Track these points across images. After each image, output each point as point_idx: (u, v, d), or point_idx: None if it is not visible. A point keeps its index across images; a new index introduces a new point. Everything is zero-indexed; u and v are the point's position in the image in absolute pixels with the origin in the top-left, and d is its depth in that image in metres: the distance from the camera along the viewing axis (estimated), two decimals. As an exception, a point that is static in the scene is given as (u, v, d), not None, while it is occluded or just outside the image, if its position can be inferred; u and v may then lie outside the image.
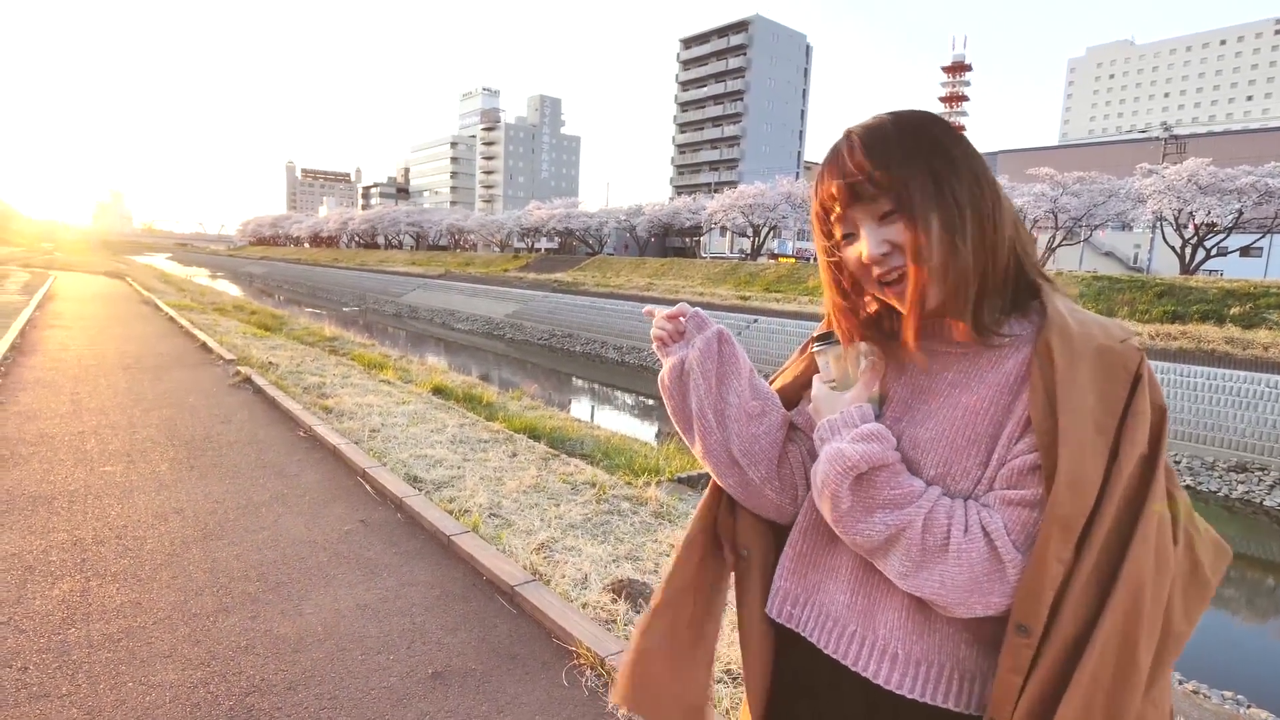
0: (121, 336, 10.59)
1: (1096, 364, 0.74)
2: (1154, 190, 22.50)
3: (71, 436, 5.05)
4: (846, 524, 0.83)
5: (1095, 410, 0.73)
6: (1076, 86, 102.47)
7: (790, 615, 0.93)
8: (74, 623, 2.63)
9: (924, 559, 0.77)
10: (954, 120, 38.30)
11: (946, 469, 0.81)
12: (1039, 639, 0.73)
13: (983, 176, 0.82)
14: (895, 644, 0.83)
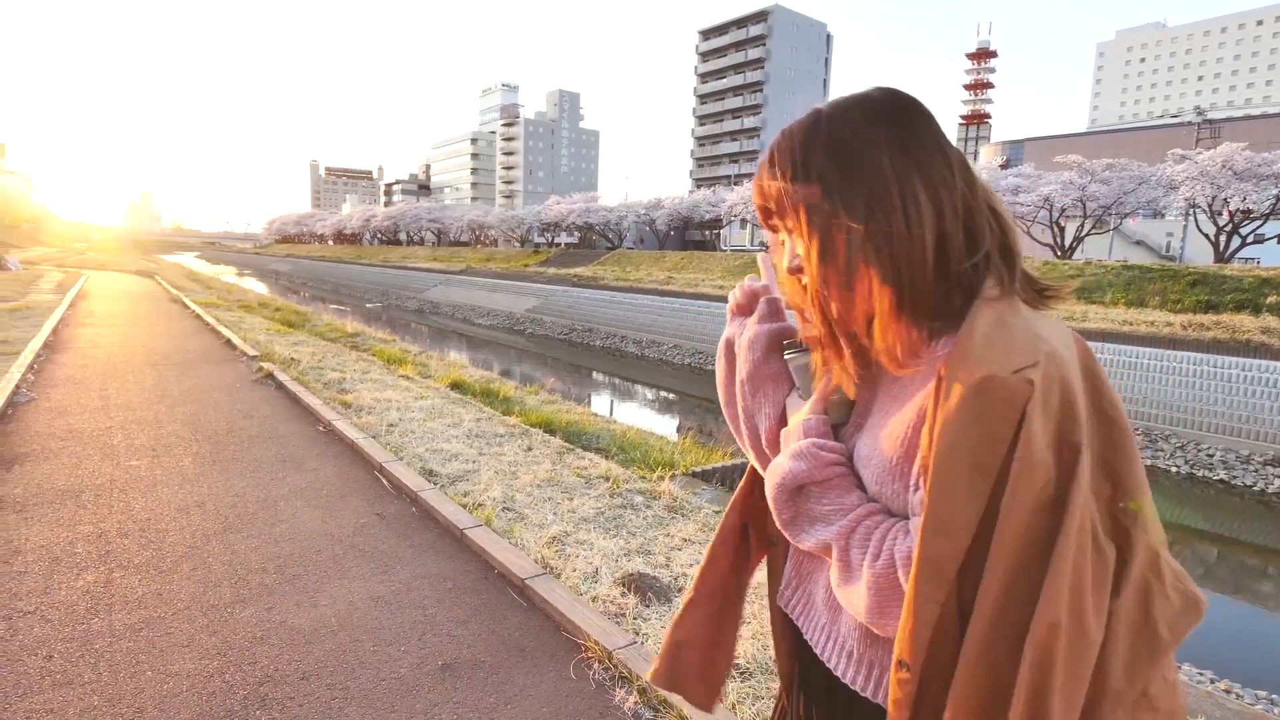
0: (150, 334, 10.81)
1: (980, 396, 0.65)
2: (1187, 176, 21.89)
3: (99, 432, 5.17)
4: (791, 533, 0.85)
5: (976, 447, 0.65)
6: (1106, 71, 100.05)
7: (788, 601, 0.96)
8: (97, 613, 2.69)
9: (844, 577, 0.78)
10: (978, 107, 37.99)
11: (879, 488, 0.79)
12: (920, 675, 0.69)
13: (902, 175, 0.74)
14: (852, 642, 0.84)
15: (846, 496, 0.80)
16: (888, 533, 0.75)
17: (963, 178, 0.77)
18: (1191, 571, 7.70)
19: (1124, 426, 0.72)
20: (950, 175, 0.76)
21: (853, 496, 0.80)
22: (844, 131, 0.76)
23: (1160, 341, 14.39)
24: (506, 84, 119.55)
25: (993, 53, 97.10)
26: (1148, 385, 13.42)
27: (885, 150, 0.74)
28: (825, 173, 0.75)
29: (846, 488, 0.80)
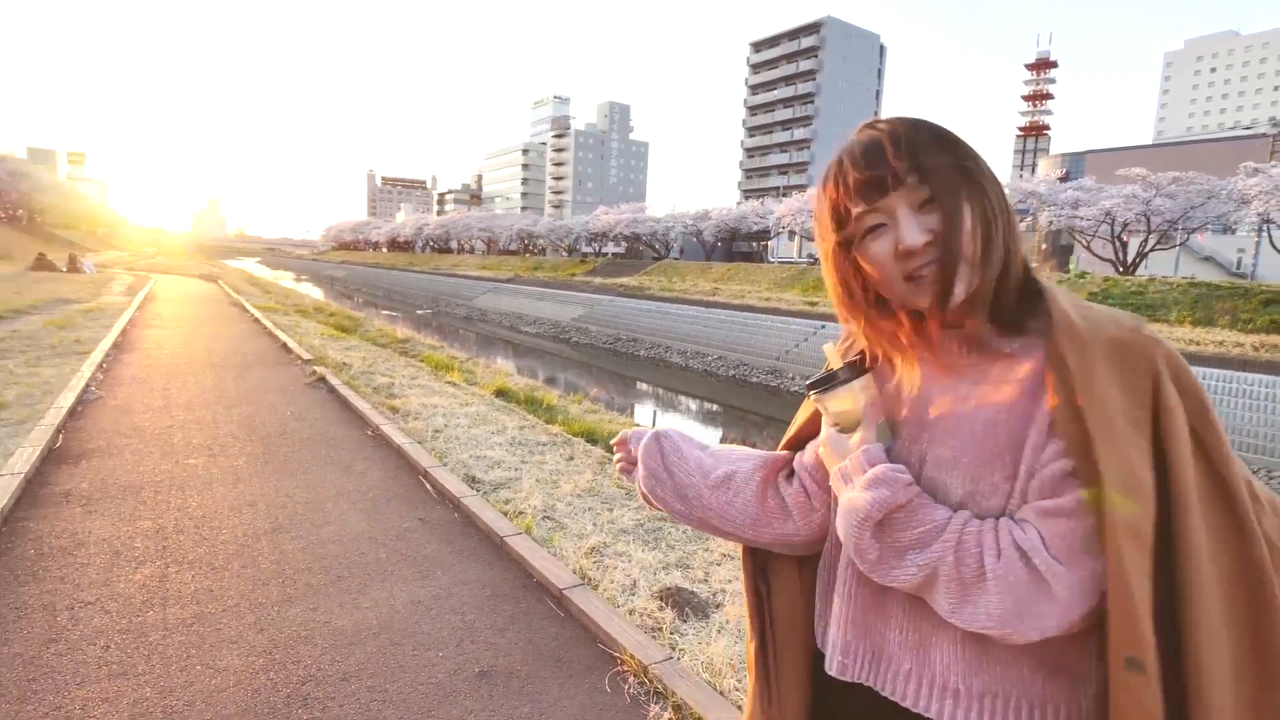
0: (211, 336, 11.26)
1: (1112, 356, 0.70)
2: (1260, 190, 20.88)
3: (160, 430, 5.38)
4: (881, 573, 0.80)
5: (1122, 403, 0.68)
6: (1173, 82, 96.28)
7: (844, 667, 0.88)
8: (152, 606, 2.79)
9: (964, 593, 0.73)
10: (1036, 118, 37.12)
11: (974, 486, 0.77)
12: (1161, 673, 0.65)
13: (997, 178, 0.81)
14: (954, 678, 0.78)
15: (936, 513, 0.77)
16: (995, 529, 0.73)
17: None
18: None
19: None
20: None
21: (941, 512, 0.77)
22: (950, 132, 0.81)
23: (1230, 363, 13.70)
24: (558, 96, 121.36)
25: (1053, 63, 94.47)
26: (1217, 409, 12.78)
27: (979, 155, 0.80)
28: (961, 157, 0.78)
29: (931, 506, 0.78)
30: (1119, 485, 0.66)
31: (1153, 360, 0.70)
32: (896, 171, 0.77)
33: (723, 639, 2.57)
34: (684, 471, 1.01)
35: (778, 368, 20.03)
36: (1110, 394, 0.69)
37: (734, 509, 0.97)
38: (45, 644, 2.48)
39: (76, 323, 11.29)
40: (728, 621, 2.73)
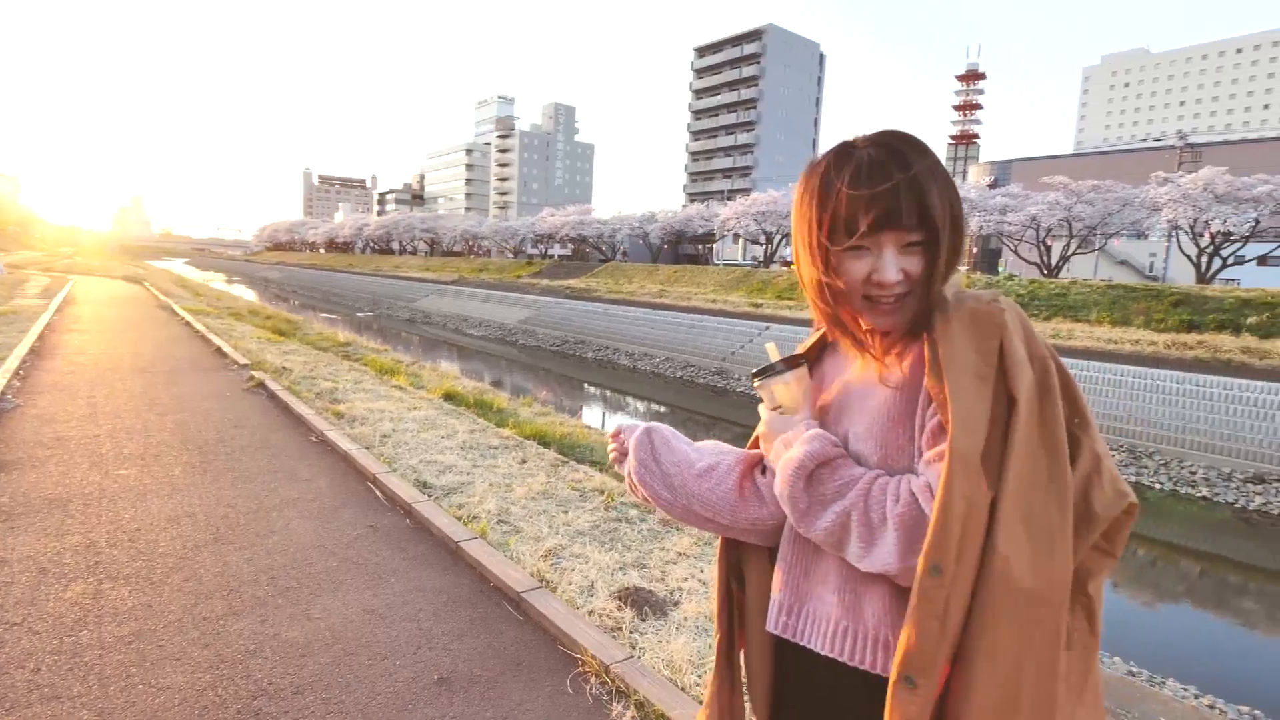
0: (138, 340, 10.72)
1: (969, 324, 0.84)
2: (1169, 199, 22.25)
3: (87, 440, 5.12)
4: (807, 523, 0.92)
5: (974, 363, 0.82)
6: (1091, 95, 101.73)
7: (786, 625, 0.99)
8: (86, 625, 2.66)
9: (871, 536, 0.85)
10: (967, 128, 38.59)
11: (885, 450, 0.91)
12: (951, 579, 0.77)
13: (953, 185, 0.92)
14: (884, 631, 0.88)
15: (854, 470, 0.90)
16: (900, 482, 0.86)
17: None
18: (1173, 585, 7.76)
19: (1063, 364, 0.88)
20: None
21: (859, 469, 0.91)
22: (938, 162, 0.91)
23: (1144, 360, 14.57)
24: (503, 96, 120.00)
25: (981, 75, 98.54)
26: (1132, 403, 13.57)
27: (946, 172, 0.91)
28: (955, 203, 0.89)
29: (851, 465, 0.91)
30: (959, 424, 0.79)
31: (1001, 325, 0.84)
32: (901, 214, 0.86)
33: (682, 636, 2.62)
34: (672, 462, 1.08)
35: (724, 368, 20.30)
36: (965, 355, 0.82)
37: (715, 495, 1.05)
38: (-31, 668, 2.34)
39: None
40: (686, 619, 2.78)
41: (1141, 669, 5.59)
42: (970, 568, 0.77)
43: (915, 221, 0.86)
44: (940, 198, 0.87)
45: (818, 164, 0.91)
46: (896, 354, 0.93)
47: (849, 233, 0.88)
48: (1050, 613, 0.77)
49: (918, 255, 0.88)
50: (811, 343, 1.08)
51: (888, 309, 0.90)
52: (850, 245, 0.88)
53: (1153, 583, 9.52)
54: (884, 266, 0.88)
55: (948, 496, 0.77)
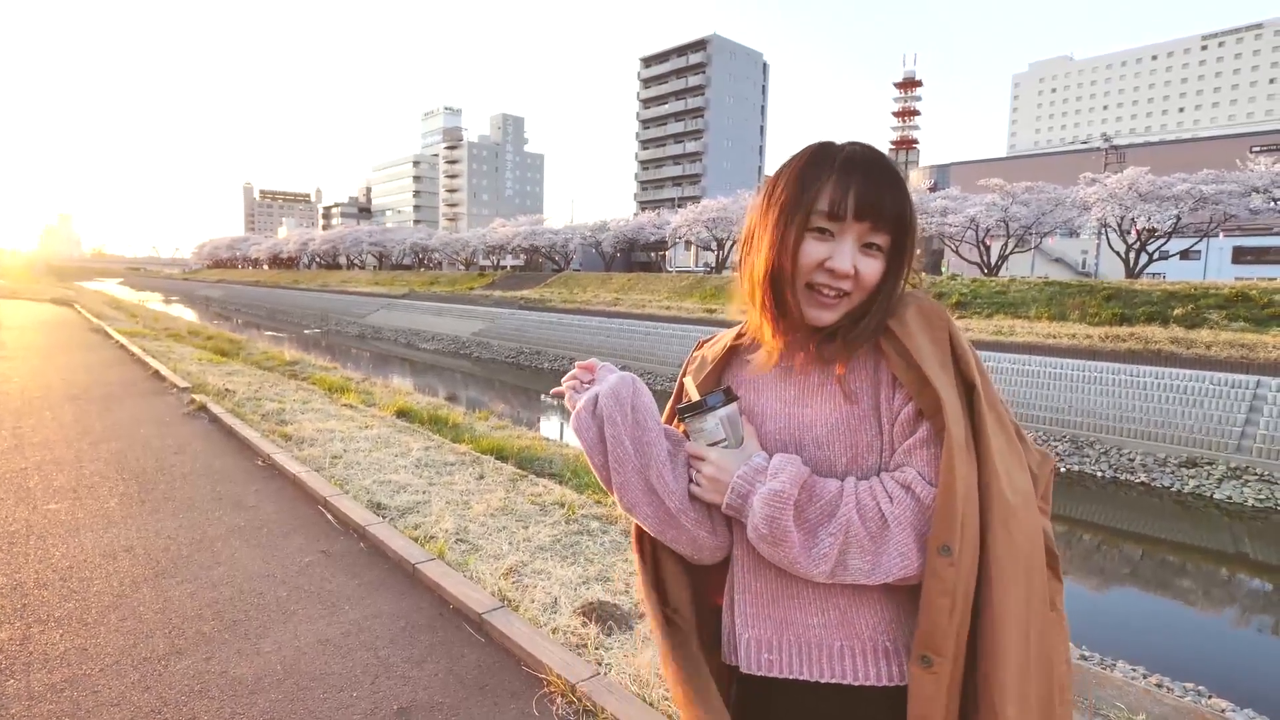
0: (68, 366, 10.19)
1: (921, 318, 0.90)
2: (1097, 198, 23.26)
3: (12, 473, 4.82)
4: (804, 561, 0.85)
5: (936, 354, 0.87)
6: (1021, 100, 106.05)
7: (771, 663, 0.90)
8: (13, 673, 2.49)
9: (876, 546, 0.83)
10: (906, 133, 39.66)
11: (854, 451, 0.89)
12: (959, 558, 0.80)
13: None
14: (882, 639, 0.86)
15: (829, 484, 0.87)
16: (881, 481, 0.86)
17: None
18: (1118, 570, 8.04)
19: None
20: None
21: (832, 483, 0.87)
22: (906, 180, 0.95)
23: (1081, 353, 15.18)
24: (449, 107, 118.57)
25: (918, 82, 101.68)
26: (1072, 394, 14.11)
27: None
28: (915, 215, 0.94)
29: (823, 480, 0.88)
30: (952, 411, 0.83)
31: (946, 319, 0.90)
32: (882, 210, 0.88)
33: (648, 649, 2.58)
34: (650, 420, 0.95)
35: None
36: (927, 347, 0.87)
37: (678, 484, 0.94)
38: (-120, 729, 2.16)
39: (-102, 357, 9.93)
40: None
41: (1093, 653, 5.78)
42: (973, 544, 0.80)
43: (889, 222, 0.89)
44: (911, 215, 0.91)
45: (800, 154, 0.93)
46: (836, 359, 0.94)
47: (829, 215, 0.89)
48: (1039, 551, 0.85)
49: (874, 260, 0.90)
50: (711, 371, 1.05)
51: (827, 301, 0.91)
52: (820, 225, 0.89)
53: (1098, 568, 9.88)
54: (841, 253, 0.89)
55: (950, 480, 0.80)
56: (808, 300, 0.92)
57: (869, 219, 0.88)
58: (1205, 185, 21.50)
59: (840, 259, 0.89)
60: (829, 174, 0.89)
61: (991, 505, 0.82)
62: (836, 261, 0.89)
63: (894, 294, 0.92)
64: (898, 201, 0.89)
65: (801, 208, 0.90)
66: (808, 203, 0.89)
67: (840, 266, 0.89)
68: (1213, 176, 22.12)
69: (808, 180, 0.90)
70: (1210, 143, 49.04)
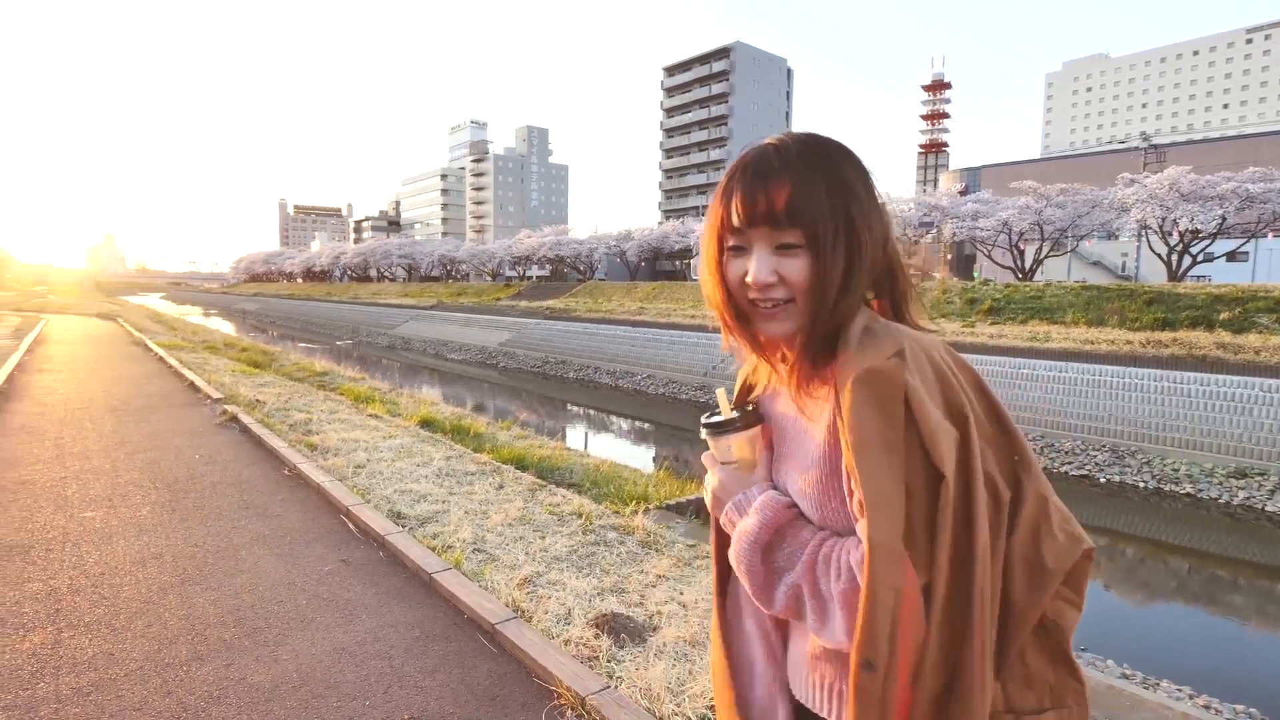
0: (110, 378, 10.52)
1: (866, 385, 0.75)
2: (1136, 199, 22.69)
3: (52, 482, 4.98)
4: (765, 597, 0.86)
5: (880, 429, 0.73)
6: (1055, 100, 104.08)
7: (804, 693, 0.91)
8: (43, 677, 2.56)
9: (823, 611, 0.79)
10: (935, 136, 39.01)
11: (824, 512, 0.83)
12: (886, 673, 0.72)
13: (883, 214, 0.86)
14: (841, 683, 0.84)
15: (802, 534, 0.83)
16: (841, 549, 0.79)
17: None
18: (1163, 584, 7.75)
19: (998, 399, 0.81)
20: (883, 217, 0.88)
21: (806, 533, 0.84)
22: (850, 165, 0.84)
23: (1122, 359, 14.76)
24: (475, 121, 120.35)
25: (947, 84, 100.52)
26: (1112, 402, 13.71)
27: (872, 186, 0.85)
28: (850, 203, 0.82)
29: (800, 527, 0.84)
30: (873, 510, 0.72)
31: (901, 387, 0.74)
32: (773, 210, 0.81)
33: (661, 663, 2.56)
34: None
35: (706, 383, 20.29)
36: (868, 422, 0.74)
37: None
38: (-86, 732, 2.24)
39: (-48, 371, 10.34)
40: (665, 644, 2.72)
41: (1135, 671, 5.58)
42: (909, 657, 0.72)
43: (786, 219, 0.81)
44: (830, 201, 0.81)
45: (732, 165, 0.88)
46: (816, 384, 0.85)
47: (734, 228, 0.84)
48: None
49: (798, 259, 0.82)
50: (744, 383, 1.00)
51: (768, 314, 0.84)
52: (732, 244, 0.85)
53: (1141, 582, 9.56)
54: (754, 265, 0.83)
55: (872, 588, 0.71)
56: (756, 317, 0.86)
57: (764, 222, 0.82)
58: (1252, 184, 20.85)
59: (754, 270, 0.83)
60: (736, 183, 0.84)
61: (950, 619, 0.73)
62: (751, 274, 0.83)
63: (817, 299, 0.81)
64: (794, 196, 0.80)
65: (717, 226, 0.86)
66: (723, 219, 0.85)
67: (754, 278, 0.83)
68: (1260, 175, 21.44)
69: (724, 195, 0.85)
70: (1257, 139, 47.59)
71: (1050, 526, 0.78)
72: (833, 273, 0.81)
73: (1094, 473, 12.44)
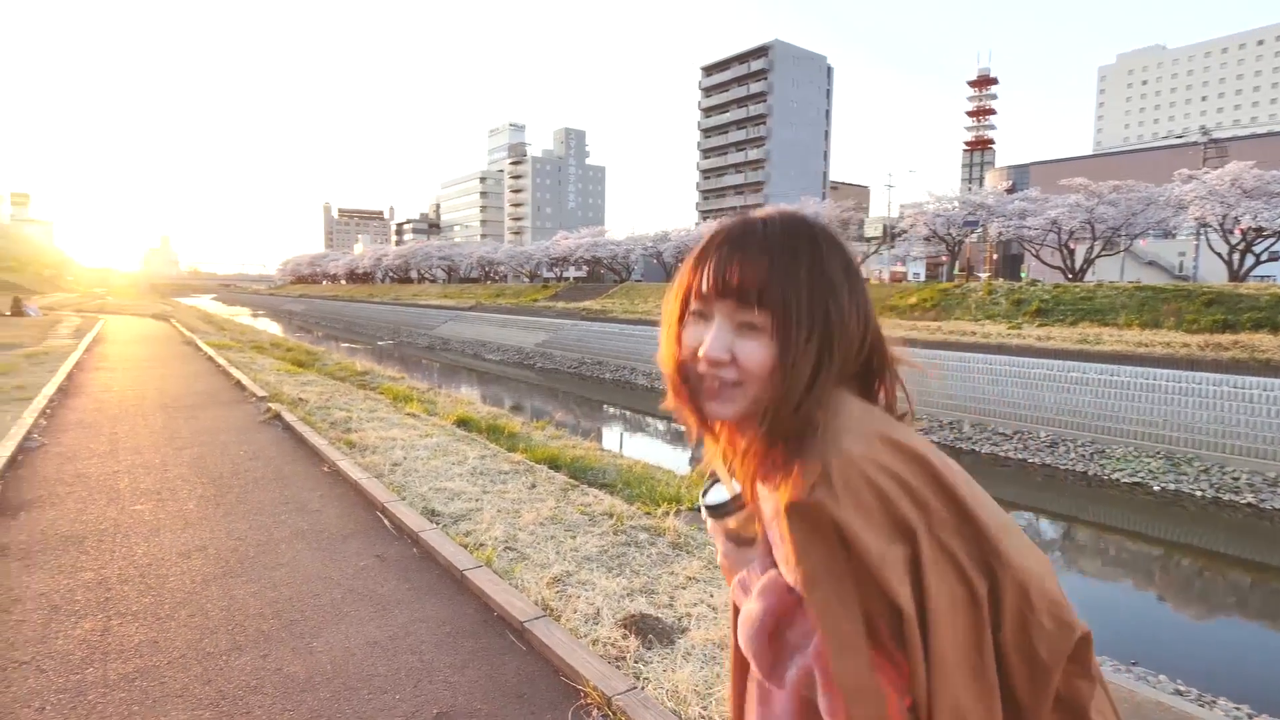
0: (162, 376, 10.92)
1: (795, 521, 0.72)
2: (1195, 196, 21.78)
3: (106, 476, 5.18)
4: (776, 677, 0.83)
5: (825, 560, 0.71)
6: (1108, 94, 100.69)
7: None
8: (92, 662, 2.65)
9: (829, 694, 0.76)
10: (981, 133, 38.05)
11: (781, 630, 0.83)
12: None
13: (866, 304, 0.81)
14: None
15: (807, 622, 0.80)
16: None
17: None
18: (1222, 598, 7.41)
19: (959, 480, 0.75)
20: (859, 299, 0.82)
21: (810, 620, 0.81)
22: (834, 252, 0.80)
23: (1178, 363, 14.18)
24: (514, 124, 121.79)
25: (993, 79, 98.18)
26: (1167, 407, 13.20)
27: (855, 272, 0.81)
28: (828, 297, 0.78)
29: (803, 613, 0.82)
30: (833, 651, 0.70)
31: (829, 526, 0.70)
32: (744, 284, 0.77)
33: (688, 665, 2.54)
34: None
35: (744, 385, 20.18)
36: (810, 553, 0.71)
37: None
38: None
39: (19, 368, 10.85)
40: (694, 647, 2.70)
41: (1190, 687, 5.35)
42: None
43: (754, 299, 0.76)
44: (808, 288, 0.77)
45: (713, 231, 0.85)
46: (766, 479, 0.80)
47: (700, 293, 0.80)
48: None
49: (757, 344, 0.77)
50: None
51: (712, 390, 0.79)
52: (695, 309, 0.81)
53: (1199, 595, 9.17)
54: (709, 337, 0.78)
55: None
56: (701, 391, 0.81)
57: (732, 295, 0.77)
58: (1319, 179, 19.85)
59: (708, 343, 0.78)
60: (713, 251, 0.80)
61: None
62: (704, 347, 0.78)
63: (801, 394, 0.75)
64: (766, 275, 0.76)
65: (684, 288, 0.83)
66: (692, 284, 0.81)
67: (705, 351, 0.78)
68: (1328, 170, 20.39)
69: (699, 259, 0.82)
70: (1324, 133, 45.26)
71: (1037, 617, 0.73)
72: (800, 373, 0.75)
73: (1147, 480, 11.98)
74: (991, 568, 0.72)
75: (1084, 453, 13.16)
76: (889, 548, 0.70)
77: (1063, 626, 0.74)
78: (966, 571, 0.71)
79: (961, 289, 22.94)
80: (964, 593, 0.71)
